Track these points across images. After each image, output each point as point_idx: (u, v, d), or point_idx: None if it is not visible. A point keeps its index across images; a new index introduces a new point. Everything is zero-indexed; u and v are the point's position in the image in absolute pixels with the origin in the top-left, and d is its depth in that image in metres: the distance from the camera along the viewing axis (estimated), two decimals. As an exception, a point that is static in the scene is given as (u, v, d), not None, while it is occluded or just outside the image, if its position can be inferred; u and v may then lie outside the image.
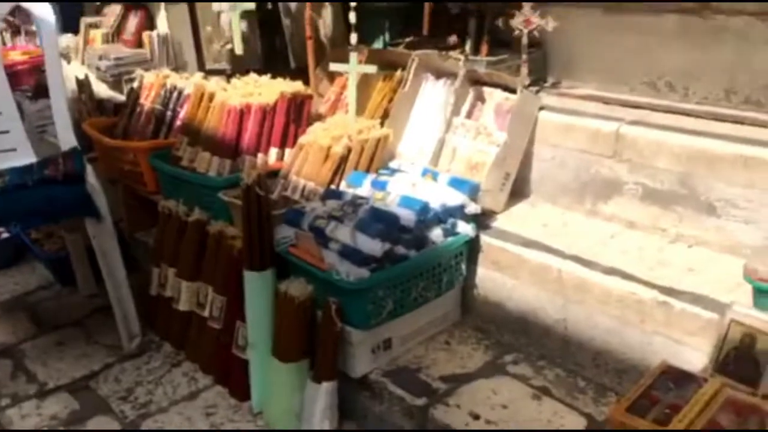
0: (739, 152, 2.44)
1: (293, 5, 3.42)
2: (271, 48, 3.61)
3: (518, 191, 2.98)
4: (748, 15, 2.73)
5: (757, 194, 2.39)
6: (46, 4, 2.89)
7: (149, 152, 3.31)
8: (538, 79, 3.26)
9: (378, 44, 3.70)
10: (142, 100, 3.56)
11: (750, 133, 2.57)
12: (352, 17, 3.14)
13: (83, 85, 3.88)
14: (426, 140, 3.06)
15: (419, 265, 2.54)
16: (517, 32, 3.05)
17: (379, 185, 2.76)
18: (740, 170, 2.42)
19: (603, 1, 3.06)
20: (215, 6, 3.27)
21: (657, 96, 3.00)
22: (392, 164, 3.00)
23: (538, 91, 3.15)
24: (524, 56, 3.08)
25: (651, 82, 3.03)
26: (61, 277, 3.69)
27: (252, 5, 3.29)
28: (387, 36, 3.74)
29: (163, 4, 3.84)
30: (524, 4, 3.04)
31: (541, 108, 2.96)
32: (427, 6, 3.38)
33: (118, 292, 3.04)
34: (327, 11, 3.57)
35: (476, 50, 3.36)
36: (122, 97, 3.80)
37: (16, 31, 5.05)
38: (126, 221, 3.58)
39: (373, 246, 2.42)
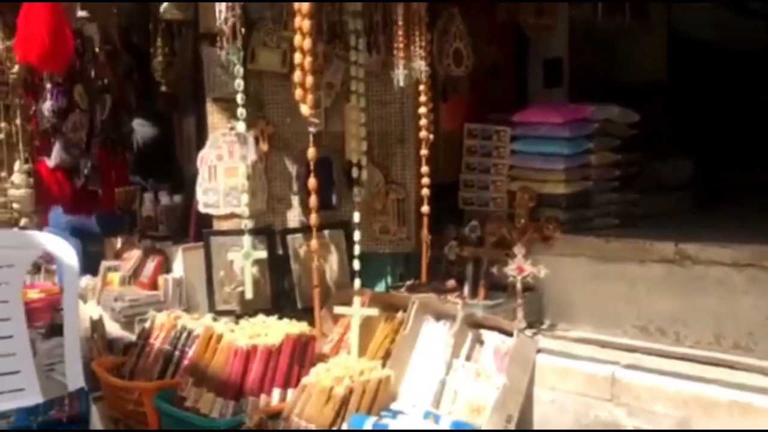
0: (734, 398, 2.49)
1: (302, 251, 3.67)
2: (279, 289, 3.80)
3: (521, 435, 2.98)
4: (726, 265, 2.93)
5: (757, 440, 2.40)
6: (71, 249, 3.09)
7: (154, 393, 3.34)
8: (534, 322, 3.40)
9: (380, 287, 3.89)
10: (152, 340, 3.66)
11: (743, 378, 2.64)
12: (356, 264, 3.36)
13: (97, 325, 4.02)
14: (427, 382, 3.11)
15: None
16: (510, 278, 3.24)
17: (381, 428, 2.77)
18: (736, 416, 2.45)
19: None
20: (230, 255, 3.53)
21: (649, 340, 3.10)
22: (394, 406, 3.03)
23: (535, 334, 3.27)
24: (519, 301, 3.25)
25: (642, 326, 3.15)
26: None
27: (263, 254, 3.55)
28: (389, 279, 3.94)
29: (180, 250, 4.12)
30: (516, 251, 3.27)
31: (539, 351, 3.05)
32: (425, 251, 3.62)
33: None
34: (333, 257, 3.82)
35: (474, 294, 3.54)
36: (133, 337, 3.91)
37: (36, 270, 5.31)
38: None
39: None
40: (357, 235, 3.43)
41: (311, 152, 2.98)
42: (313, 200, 3.07)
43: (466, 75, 3.78)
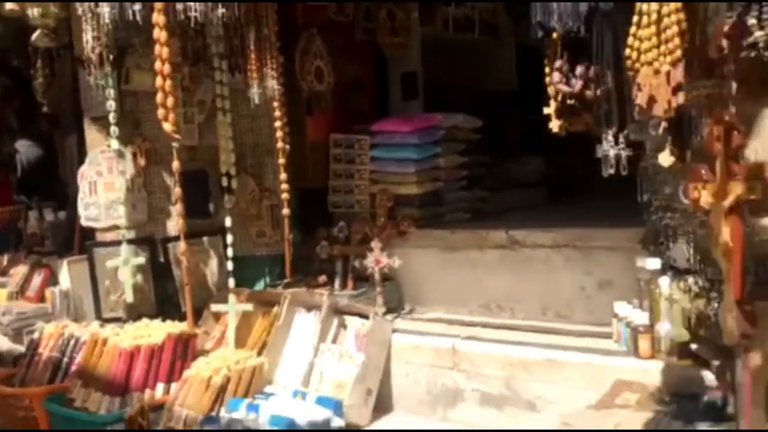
0: (547, 357, 2.98)
1: (183, 258, 3.95)
2: (163, 295, 4.06)
3: (382, 407, 3.38)
4: (547, 247, 3.44)
5: (564, 390, 2.88)
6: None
7: (43, 397, 3.54)
8: (396, 307, 3.83)
9: (260, 286, 4.21)
10: (40, 350, 3.84)
11: (558, 340, 3.14)
12: (230, 265, 3.69)
13: (-17, 340, 4.15)
14: (298, 365, 3.47)
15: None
16: (369, 270, 3.65)
17: (253, 408, 3.11)
18: (548, 370, 2.93)
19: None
20: (109, 263, 3.77)
21: (490, 315, 3.59)
22: (268, 389, 3.37)
23: (395, 318, 3.69)
24: (378, 288, 3.66)
25: (485, 304, 3.63)
26: None
27: (142, 260, 3.81)
28: (268, 279, 4.27)
29: (66, 263, 4.30)
30: (374, 246, 3.68)
31: (394, 331, 3.47)
32: (287, 250, 3.96)
33: None
34: (213, 262, 4.12)
35: (344, 286, 3.93)
36: (22, 349, 4.06)
37: None
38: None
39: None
40: (230, 239, 3.76)
41: (176, 165, 3.30)
42: (179, 207, 3.39)
43: (328, 90, 4.18)
